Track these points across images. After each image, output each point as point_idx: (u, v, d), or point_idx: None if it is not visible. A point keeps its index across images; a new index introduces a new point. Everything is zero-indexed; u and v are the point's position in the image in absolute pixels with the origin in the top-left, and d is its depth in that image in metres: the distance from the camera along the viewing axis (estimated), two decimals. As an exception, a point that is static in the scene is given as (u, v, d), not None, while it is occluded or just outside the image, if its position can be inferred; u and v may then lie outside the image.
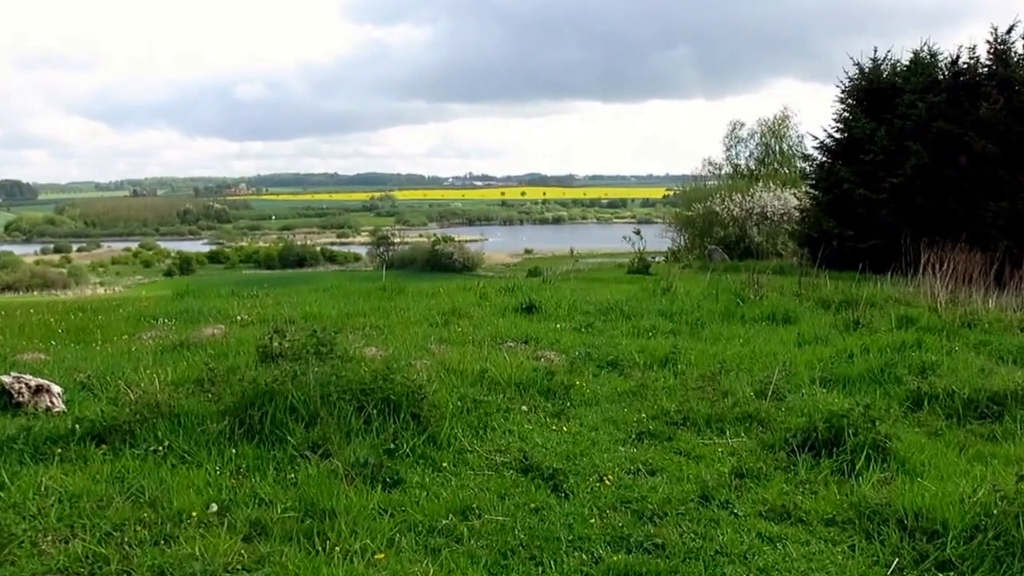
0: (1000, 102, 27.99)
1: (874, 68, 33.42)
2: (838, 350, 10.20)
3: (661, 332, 11.64)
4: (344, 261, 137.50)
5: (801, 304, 14.97)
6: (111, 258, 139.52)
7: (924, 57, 32.18)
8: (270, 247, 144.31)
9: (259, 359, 8.65)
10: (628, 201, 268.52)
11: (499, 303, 14.20)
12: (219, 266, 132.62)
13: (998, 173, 27.69)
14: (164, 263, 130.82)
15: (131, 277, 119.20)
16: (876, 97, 32.48)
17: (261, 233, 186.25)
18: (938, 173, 29.51)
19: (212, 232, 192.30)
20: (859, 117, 32.36)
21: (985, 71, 30.33)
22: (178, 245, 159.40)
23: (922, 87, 30.77)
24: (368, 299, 14.81)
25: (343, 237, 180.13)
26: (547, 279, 20.58)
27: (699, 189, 53.93)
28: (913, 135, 30.14)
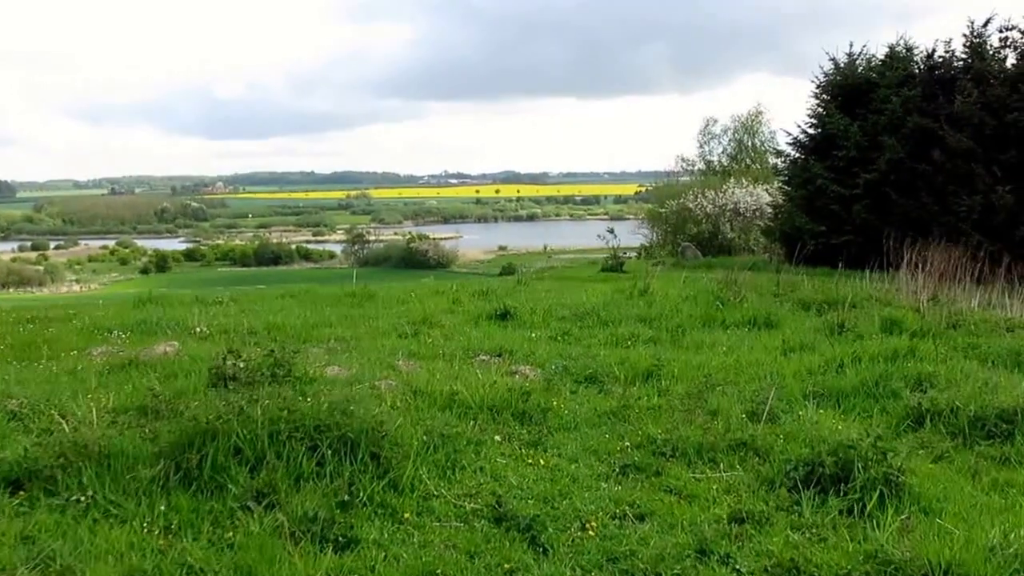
0: (974, 95, 27.59)
1: (849, 63, 32.96)
2: (827, 359, 9.52)
3: (641, 340, 10.92)
4: (319, 259, 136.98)
5: (781, 306, 14.33)
6: (88, 256, 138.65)
7: (900, 51, 31.76)
8: (246, 245, 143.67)
9: (211, 382, 7.84)
10: (601, 198, 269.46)
11: (472, 309, 13.42)
12: (195, 264, 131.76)
13: (971, 167, 27.31)
14: (141, 261, 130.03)
15: (108, 275, 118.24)
16: (851, 92, 32.05)
17: (237, 231, 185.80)
18: (912, 168, 29.14)
19: (189, 230, 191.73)
20: (833, 113, 31.93)
21: (961, 64, 29.91)
22: (155, 243, 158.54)
23: (897, 82, 30.36)
24: (336, 306, 13.99)
25: (319, 235, 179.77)
26: (521, 280, 19.78)
27: (672, 186, 53.46)
28: (888, 130, 29.74)
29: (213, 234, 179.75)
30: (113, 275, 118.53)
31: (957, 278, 17.90)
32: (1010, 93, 26.96)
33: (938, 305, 14.95)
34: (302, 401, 6.18)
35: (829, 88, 32.74)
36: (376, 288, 16.24)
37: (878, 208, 29.68)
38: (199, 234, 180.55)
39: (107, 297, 78.27)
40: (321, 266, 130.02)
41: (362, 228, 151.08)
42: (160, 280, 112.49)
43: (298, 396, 6.60)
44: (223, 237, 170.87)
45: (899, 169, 29.08)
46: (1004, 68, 28.36)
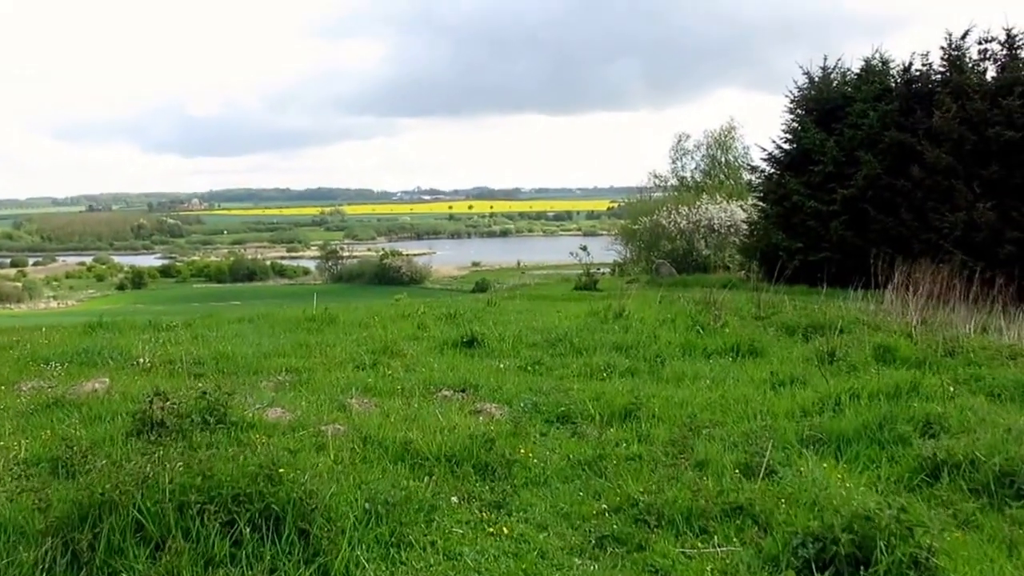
0: (953, 110, 27.01)
1: (824, 77, 32.51)
2: (821, 396, 8.61)
3: (617, 371, 10.00)
4: (294, 275, 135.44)
5: (765, 331, 13.48)
6: (65, 272, 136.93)
7: (876, 65, 31.29)
8: (221, 261, 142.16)
9: (134, 428, 6.86)
10: (574, 214, 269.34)
11: (438, 335, 12.48)
12: (171, 280, 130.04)
13: (952, 183, 26.72)
14: (117, 277, 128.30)
15: (85, 291, 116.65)
16: (827, 107, 31.59)
17: (213, 247, 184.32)
18: (890, 184, 28.63)
19: (165, 246, 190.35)
20: (809, 128, 31.42)
21: (939, 78, 29.38)
22: (132, 259, 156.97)
23: (874, 96, 29.90)
24: (294, 331, 13.01)
25: (293, 251, 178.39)
26: (492, 300, 18.83)
27: (645, 202, 52.84)
28: (864, 145, 29.27)
29: (189, 250, 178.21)
30: (90, 291, 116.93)
31: (946, 299, 17.19)
32: (991, 107, 26.28)
33: (931, 330, 14.18)
34: (222, 463, 5.16)
35: (804, 103, 32.24)
36: (339, 311, 15.23)
37: (856, 225, 29.09)
38: (175, 250, 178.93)
39: (80, 314, 76.71)
40: (295, 282, 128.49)
41: (336, 244, 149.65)
42: (136, 296, 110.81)
43: (225, 451, 5.63)
44: (199, 253, 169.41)
45: (877, 185, 28.56)
46: (984, 81, 27.73)
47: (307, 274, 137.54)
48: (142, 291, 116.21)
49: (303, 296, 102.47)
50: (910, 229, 27.67)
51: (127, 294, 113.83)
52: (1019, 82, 25.78)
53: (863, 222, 28.90)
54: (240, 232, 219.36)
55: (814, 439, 7.36)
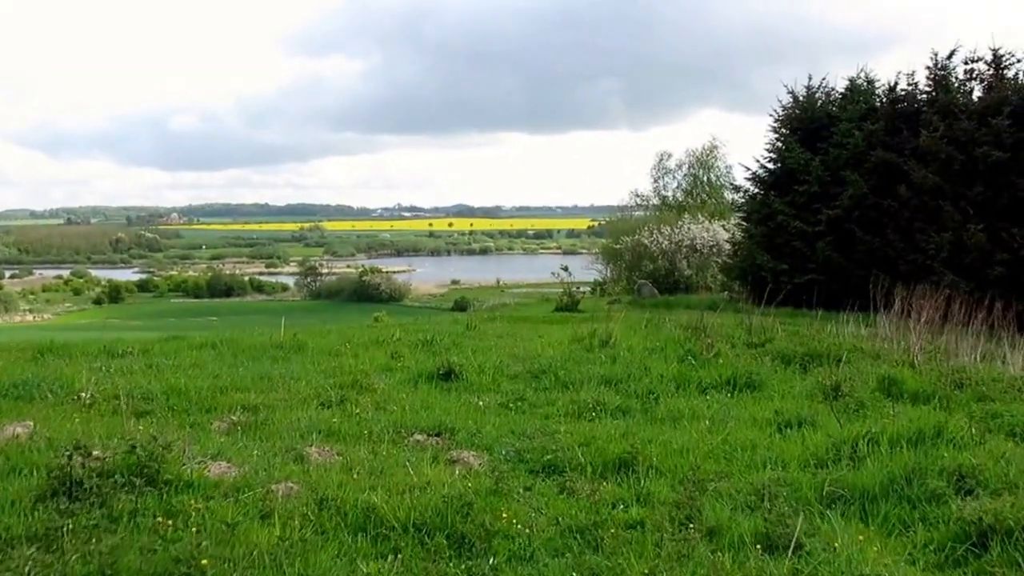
0: (940, 129, 26.44)
1: (808, 96, 31.83)
2: (835, 441, 7.67)
3: (608, 410, 9.03)
4: (272, 291, 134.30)
5: (760, 361, 12.57)
6: (42, 285, 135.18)
7: (861, 84, 30.69)
8: (199, 276, 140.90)
9: (49, 489, 5.82)
10: (554, 232, 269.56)
11: (413, 365, 11.46)
12: (148, 295, 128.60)
13: (939, 204, 26.11)
14: (94, 291, 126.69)
15: (61, 305, 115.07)
16: (811, 126, 30.92)
17: (191, 262, 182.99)
18: (877, 204, 28.00)
19: (143, 261, 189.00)
20: (793, 147, 30.76)
21: (924, 97, 28.83)
22: (109, 273, 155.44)
23: (859, 115, 29.31)
24: (259, 359, 11.96)
25: (272, 267, 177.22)
26: (471, 323, 17.81)
27: (626, 221, 52.16)
28: (850, 165, 28.66)
29: (167, 265, 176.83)
30: (66, 305, 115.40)
31: (943, 324, 16.44)
32: (978, 127, 25.60)
33: (933, 359, 13.34)
34: (132, 556, 4.11)
35: (788, 122, 31.61)
36: (308, 336, 14.11)
37: (842, 245, 28.45)
38: (153, 265, 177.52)
39: (56, 328, 75.17)
40: (274, 298, 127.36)
41: (315, 261, 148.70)
42: (112, 311, 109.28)
43: (149, 523, 4.61)
44: (177, 268, 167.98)
45: (863, 205, 27.93)
46: (971, 101, 27.27)
47: (285, 290, 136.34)
48: (119, 305, 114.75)
49: (280, 312, 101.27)
50: (897, 250, 26.98)
51: (104, 308, 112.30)
52: (1007, 102, 25.19)
53: (849, 243, 28.26)
54: (219, 247, 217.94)
55: (835, 496, 6.41)
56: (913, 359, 13.09)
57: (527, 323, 23.06)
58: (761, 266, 30.09)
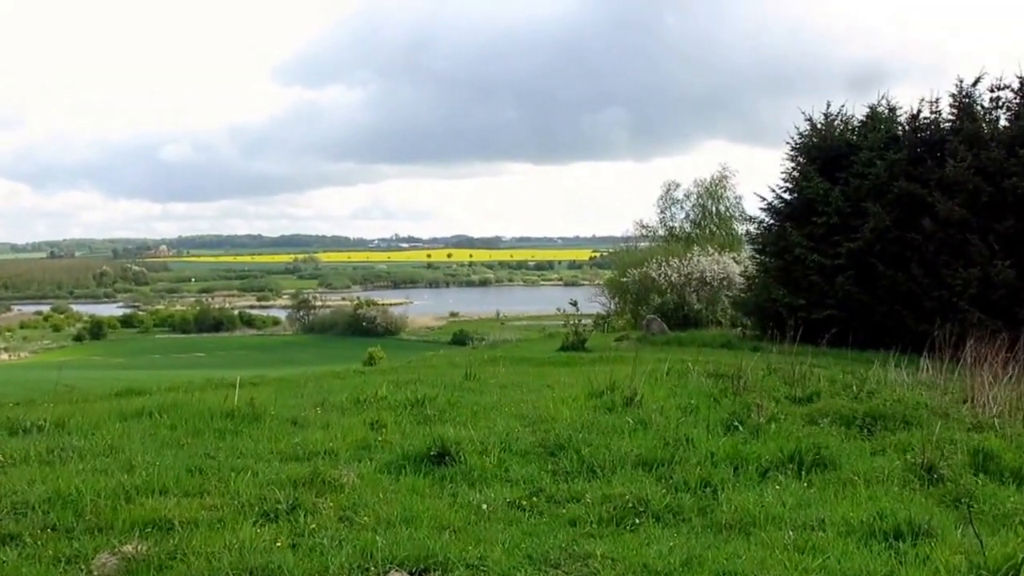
0: (968, 159, 25.05)
1: (827, 124, 30.34)
2: (972, 564, 5.62)
3: (654, 512, 6.82)
4: (262, 326, 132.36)
5: (816, 424, 10.53)
6: (19, 322, 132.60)
7: (882, 112, 29.23)
8: (186, 311, 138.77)
9: None
10: (555, 263, 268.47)
11: (398, 440, 9.08)
12: (133, 330, 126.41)
13: (966, 237, 24.69)
14: (75, 327, 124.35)
15: (40, 342, 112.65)
16: (830, 155, 29.43)
17: (179, 296, 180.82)
18: (900, 237, 26.50)
19: (128, 295, 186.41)
20: (812, 176, 29.19)
21: (948, 126, 27.54)
22: (93, 308, 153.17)
23: (880, 144, 27.86)
24: (201, 435, 9.50)
25: (263, 300, 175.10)
26: (470, 371, 15.67)
27: (632, 252, 50.32)
28: (871, 196, 27.16)
29: (153, 299, 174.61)
30: (45, 342, 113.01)
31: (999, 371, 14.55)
32: (1007, 156, 24.22)
33: (1012, 416, 11.40)
34: None
35: (805, 150, 30.12)
36: (269, 398, 11.53)
37: (863, 280, 26.96)
38: (139, 299, 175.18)
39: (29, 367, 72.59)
40: (264, 333, 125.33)
41: (308, 293, 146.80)
42: (94, 348, 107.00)
43: None
44: (164, 302, 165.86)
45: (885, 238, 26.48)
46: (997, 130, 25.93)
47: (277, 324, 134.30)
48: (101, 342, 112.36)
49: (270, 348, 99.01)
50: (921, 286, 25.49)
51: (85, 345, 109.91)
52: (1038, 130, 24.24)
53: (870, 278, 26.77)
54: (209, 280, 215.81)
55: None
56: (993, 422, 11.11)
57: (532, 365, 21.10)
58: (777, 301, 28.71)
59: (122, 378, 44.51)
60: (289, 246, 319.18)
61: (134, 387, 16.07)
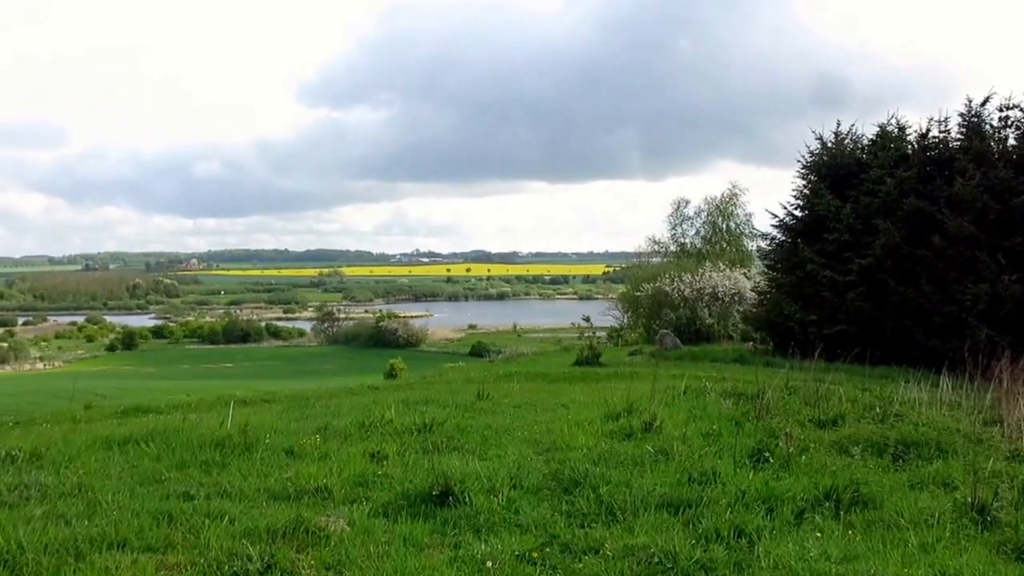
0: (977, 177, 24.29)
1: (838, 142, 29.50)
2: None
3: (681, 572, 5.69)
4: (288, 337, 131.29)
5: (847, 453, 9.42)
6: (55, 332, 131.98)
7: (891, 131, 28.41)
8: (215, 322, 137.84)
9: None
10: (570, 278, 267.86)
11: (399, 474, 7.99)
12: (163, 341, 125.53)
13: (975, 254, 23.90)
14: (108, 338, 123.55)
15: (74, 352, 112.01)
16: (841, 173, 28.63)
17: (208, 308, 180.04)
18: (910, 253, 25.67)
19: (160, 307, 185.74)
20: (823, 193, 28.38)
21: (957, 145, 26.74)
22: (125, 319, 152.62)
23: (890, 162, 27.09)
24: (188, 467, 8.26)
25: (289, 312, 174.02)
26: (483, 390, 14.58)
27: (645, 267, 49.35)
28: (882, 213, 26.29)
29: (184, 311, 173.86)
30: (79, 352, 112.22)
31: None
32: (1015, 175, 23.55)
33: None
34: None
35: (816, 168, 29.33)
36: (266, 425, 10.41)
37: (874, 296, 26.13)
38: (170, 310, 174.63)
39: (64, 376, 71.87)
40: (289, 344, 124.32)
41: (332, 306, 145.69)
42: (126, 358, 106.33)
43: None
44: (194, 314, 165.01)
45: (896, 255, 25.57)
46: (1006, 149, 24.80)
47: (302, 335, 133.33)
48: (132, 352, 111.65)
49: (295, 359, 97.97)
50: (931, 301, 24.51)
51: (117, 355, 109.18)
52: (1045, 150, 23.54)
53: (881, 293, 25.86)
54: (237, 292, 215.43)
55: None
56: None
57: (547, 382, 20.09)
58: (789, 316, 27.88)
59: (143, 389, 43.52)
60: (315, 260, 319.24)
61: (142, 405, 15.08)
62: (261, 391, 22.14)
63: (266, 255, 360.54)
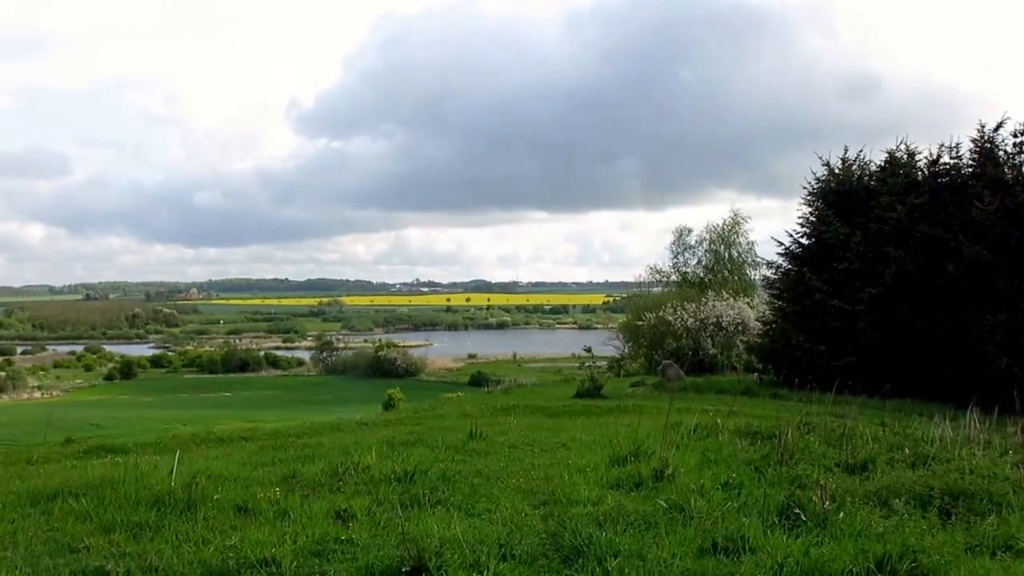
0: (995, 204, 23.26)
1: (845, 168, 28.54)
2: None
3: None
4: (287, 366, 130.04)
5: (891, 507, 8.12)
6: (53, 361, 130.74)
7: (900, 157, 27.50)
8: (213, 352, 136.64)
9: None
10: (570, 307, 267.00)
11: (367, 541, 6.43)
12: (161, 370, 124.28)
13: (993, 282, 22.89)
14: (106, 367, 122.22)
15: (72, 381, 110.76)
16: (848, 199, 27.65)
17: (207, 337, 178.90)
18: (923, 282, 24.59)
19: (159, 336, 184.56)
20: (831, 221, 27.38)
21: (970, 171, 25.85)
22: (125, 349, 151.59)
23: (900, 189, 26.13)
24: (109, 533, 6.66)
25: (289, 342, 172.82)
26: (476, 428, 13.23)
27: (646, 296, 48.06)
28: (893, 240, 25.26)
29: (183, 340, 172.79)
30: (77, 381, 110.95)
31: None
32: None
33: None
34: None
35: (823, 195, 28.38)
36: (219, 475, 8.80)
37: (885, 326, 25.09)
38: (169, 340, 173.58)
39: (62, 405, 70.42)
40: (289, 373, 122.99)
41: (331, 335, 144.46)
42: (124, 387, 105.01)
43: None
44: (193, 343, 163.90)
45: (908, 283, 24.51)
46: (1022, 174, 24.01)
47: (301, 365, 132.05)
48: (131, 381, 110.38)
49: (293, 388, 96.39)
50: (945, 331, 23.45)
51: (115, 384, 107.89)
52: (1063, 175, 22.65)
53: (892, 323, 24.80)
54: (237, 322, 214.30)
55: None
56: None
57: (546, 415, 18.81)
58: (796, 347, 26.92)
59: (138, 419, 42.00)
60: (315, 290, 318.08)
61: (107, 444, 13.76)
62: (245, 427, 20.82)
63: (266, 284, 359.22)
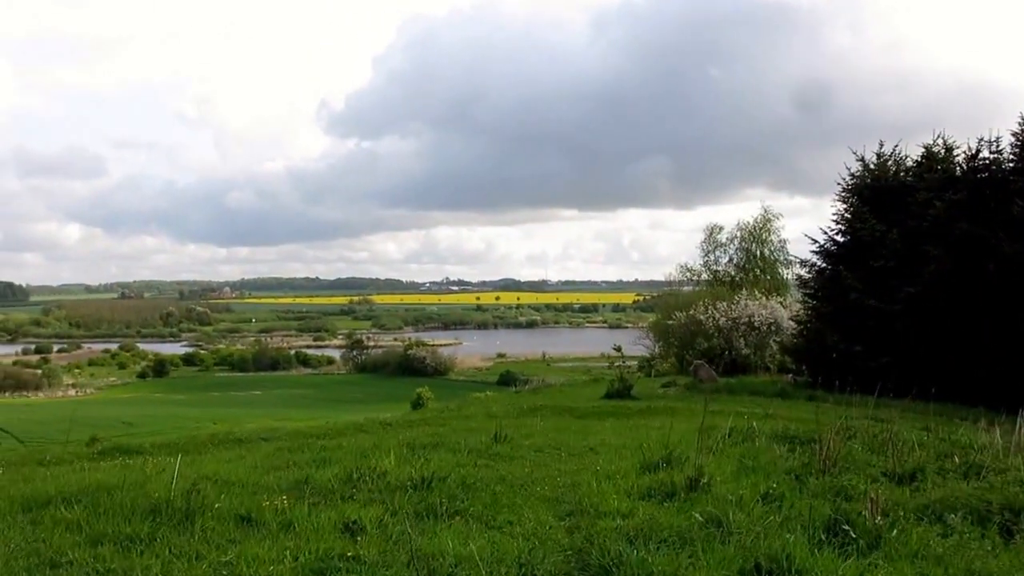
0: None
1: (880, 164, 27.48)
2: None
3: None
4: (318, 365, 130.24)
5: (946, 523, 7.44)
6: (88, 359, 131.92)
7: (938, 152, 26.41)
8: (245, 350, 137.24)
9: None
10: (600, 306, 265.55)
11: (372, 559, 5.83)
12: (194, 368, 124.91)
13: None
14: (140, 365, 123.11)
15: (106, 379, 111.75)
16: (885, 195, 26.60)
17: (240, 336, 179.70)
18: (962, 281, 23.58)
19: (192, 334, 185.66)
20: (867, 218, 26.37)
21: (1012, 166, 24.79)
22: (158, 347, 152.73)
23: (938, 184, 25.08)
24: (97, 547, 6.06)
25: (319, 340, 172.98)
26: (501, 432, 12.62)
27: (676, 295, 47.13)
28: (931, 237, 24.23)
29: (215, 338, 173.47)
30: (111, 379, 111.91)
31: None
32: None
33: None
34: None
35: (858, 191, 27.32)
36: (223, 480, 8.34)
37: (924, 326, 24.08)
38: (202, 338, 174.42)
39: (96, 403, 70.87)
40: (319, 372, 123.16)
41: (361, 334, 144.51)
42: (157, 385, 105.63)
43: None
44: (225, 341, 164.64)
45: (946, 282, 23.57)
46: (1070, 167, 23.26)
47: (331, 363, 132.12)
48: (163, 379, 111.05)
49: (323, 386, 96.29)
50: (988, 332, 22.60)
51: (148, 382, 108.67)
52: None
53: (931, 323, 23.86)
54: (268, 320, 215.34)
55: None
56: None
57: (574, 417, 18.16)
58: (832, 347, 25.87)
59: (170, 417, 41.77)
60: (345, 289, 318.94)
61: (124, 444, 13.32)
62: (268, 426, 20.35)
63: (297, 283, 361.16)
